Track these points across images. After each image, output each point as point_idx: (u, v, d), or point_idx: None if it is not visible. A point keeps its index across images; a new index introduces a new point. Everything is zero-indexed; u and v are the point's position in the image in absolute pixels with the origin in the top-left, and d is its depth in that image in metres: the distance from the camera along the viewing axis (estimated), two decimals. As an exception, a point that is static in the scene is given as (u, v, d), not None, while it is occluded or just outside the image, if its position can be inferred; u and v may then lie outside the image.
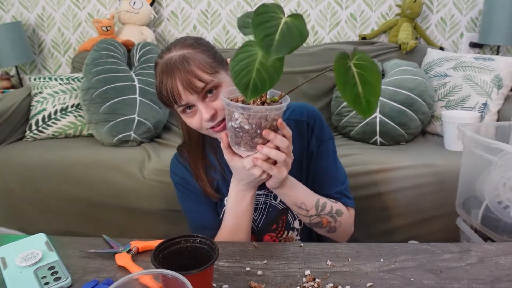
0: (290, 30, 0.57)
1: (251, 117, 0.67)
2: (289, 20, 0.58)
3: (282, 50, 0.56)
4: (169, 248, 0.60)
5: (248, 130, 0.68)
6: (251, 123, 0.68)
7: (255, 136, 0.69)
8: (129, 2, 2.28)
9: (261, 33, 0.57)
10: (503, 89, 1.85)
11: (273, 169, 0.74)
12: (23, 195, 1.69)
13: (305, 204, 0.83)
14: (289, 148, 0.73)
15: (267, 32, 0.57)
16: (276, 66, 0.61)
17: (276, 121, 0.70)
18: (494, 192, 1.16)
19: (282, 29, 0.57)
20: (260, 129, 0.68)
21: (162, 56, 0.84)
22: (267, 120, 0.68)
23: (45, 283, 0.62)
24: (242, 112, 0.66)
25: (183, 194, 0.96)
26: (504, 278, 0.62)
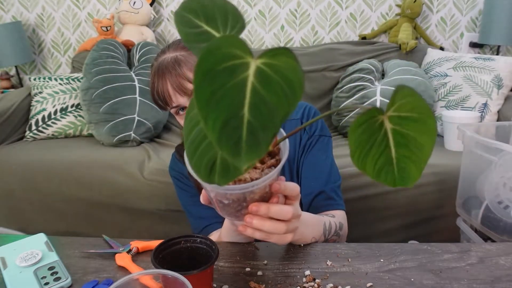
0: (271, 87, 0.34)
1: (228, 193, 0.49)
2: (263, 65, 0.34)
3: (260, 145, 0.33)
4: (169, 248, 0.59)
5: (229, 205, 0.52)
6: (230, 198, 0.50)
7: (240, 209, 0.53)
8: (129, 2, 2.28)
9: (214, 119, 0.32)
10: (503, 89, 1.85)
11: (272, 238, 0.58)
12: (23, 195, 1.69)
13: (316, 237, 0.76)
14: (294, 214, 0.57)
15: (227, 113, 0.33)
16: None
17: (270, 187, 0.52)
18: (494, 192, 1.16)
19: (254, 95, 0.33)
20: (245, 203, 0.52)
21: (157, 58, 0.85)
22: (253, 192, 0.50)
23: (45, 283, 0.62)
24: (213, 190, 0.49)
25: (180, 189, 0.97)
26: (504, 278, 0.62)
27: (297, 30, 2.41)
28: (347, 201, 1.66)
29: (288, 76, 0.34)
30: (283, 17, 2.40)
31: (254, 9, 2.40)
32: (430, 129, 0.39)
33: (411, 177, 0.42)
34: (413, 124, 0.39)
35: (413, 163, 0.41)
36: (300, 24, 2.40)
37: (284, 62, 0.34)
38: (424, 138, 0.40)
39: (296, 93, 0.34)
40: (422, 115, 0.39)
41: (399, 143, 0.40)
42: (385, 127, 0.40)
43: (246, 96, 0.33)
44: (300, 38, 2.42)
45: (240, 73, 0.33)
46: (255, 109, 0.33)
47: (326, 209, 0.89)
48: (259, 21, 2.42)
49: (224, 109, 0.33)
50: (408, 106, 0.39)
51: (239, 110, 0.33)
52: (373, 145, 0.40)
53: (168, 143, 1.90)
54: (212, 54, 0.33)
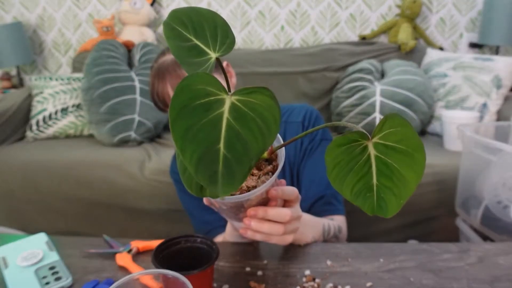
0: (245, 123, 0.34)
1: (225, 202, 0.50)
2: (237, 102, 0.35)
3: (235, 178, 0.34)
4: (170, 248, 0.60)
5: (229, 209, 0.53)
6: (227, 205, 0.52)
7: (238, 213, 0.54)
8: (129, 3, 2.28)
9: (192, 153, 0.33)
10: (502, 89, 1.86)
11: (272, 239, 0.59)
12: (24, 195, 1.70)
13: (315, 237, 0.77)
14: (293, 216, 0.58)
15: (203, 147, 0.33)
16: None
17: (266, 193, 0.52)
18: (493, 192, 1.16)
19: (228, 133, 0.34)
20: (243, 208, 0.53)
21: (157, 60, 0.85)
22: (250, 199, 0.51)
23: (45, 283, 0.62)
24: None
25: (182, 192, 0.97)
26: (503, 278, 0.63)
27: (297, 31, 2.42)
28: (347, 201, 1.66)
29: (263, 113, 0.35)
30: (283, 18, 2.40)
31: (254, 9, 2.40)
32: (418, 164, 0.38)
33: (389, 209, 0.40)
34: (399, 156, 0.38)
35: (394, 196, 0.39)
36: (300, 25, 2.41)
37: (260, 100, 0.35)
38: (409, 173, 0.38)
39: (271, 130, 0.35)
40: (410, 149, 0.38)
41: (382, 172, 0.39)
42: (369, 153, 0.39)
43: (222, 131, 0.34)
44: (300, 38, 2.42)
45: (215, 109, 0.34)
46: (230, 144, 0.34)
47: (325, 214, 0.89)
48: (259, 21, 2.42)
49: (200, 143, 0.33)
50: (397, 136, 0.38)
51: (215, 144, 0.34)
52: (353, 168, 0.39)
53: (168, 143, 1.90)
54: (186, 90, 0.34)
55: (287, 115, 0.94)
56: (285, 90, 2.12)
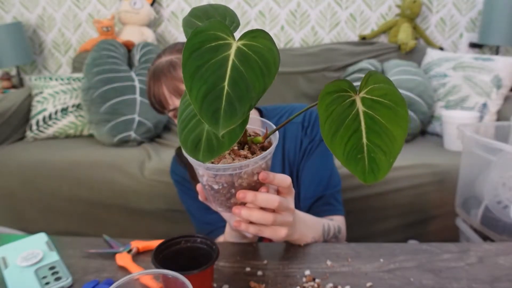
0: (249, 64, 0.37)
1: (218, 176, 0.50)
2: (243, 46, 0.38)
3: (236, 115, 0.36)
4: (170, 248, 0.60)
5: (219, 191, 0.52)
6: (220, 182, 0.51)
7: (230, 197, 0.53)
8: (129, 3, 2.28)
9: (197, 89, 0.36)
10: (502, 89, 1.86)
11: (265, 231, 0.59)
12: (24, 195, 1.70)
13: (315, 238, 0.76)
14: (282, 204, 0.56)
15: (209, 84, 0.36)
16: None
17: (257, 175, 0.52)
18: (493, 192, 1.16)
19: (233, 71, 0.37)
20: (234, 189, 0.52)
21: (153, 62, 0.86)
22: (241, 177, 0.50)
23: (45, 283, 0.62)
24: (205, 168, 0.49)
25: (183, 193, 0.97)
26: (503, 278, 0.63)
27: (297, 31, 2.42)
28: (347, 201, 1.66)
29: (265, 55, 0.38)
30: (283, 18, 2.40)
31: (254, 9, 2.40)
32: (402, 119, 0.39)
33: (380, 170, 0.40)
34: (385, 111, 0.39)
35: (384, 154, 0.40)
36: (300, 25, 2.41)
37: (262, 43, 0.38)
38: (396, 129, 0.39)
39: (271, 70, 0.37)
40: (394, 103, 0.39)
41: (371, 129, 0.40)
42: (357, 108, 0.40)
43: (227, 71, 0.37)
44: (300, 38, 2.42)
45: (222, 52, 0.37)
46: (234, 83, 0.36)
47: (325, 214, 0.89)
48: (259, 21, 2.42)
49: (206, 81, 0.36)
50: (381, 91, 0.39)
51: (220, 83, 0.36)
52: (345, 122, 0.39)
53: (168, 143, 1.90)
54: (199, 35, 0.38)
55: (287, 115, 0.94)
56: (285, 90, 2.12)
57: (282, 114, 0.95)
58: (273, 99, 2.09)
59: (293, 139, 0.92)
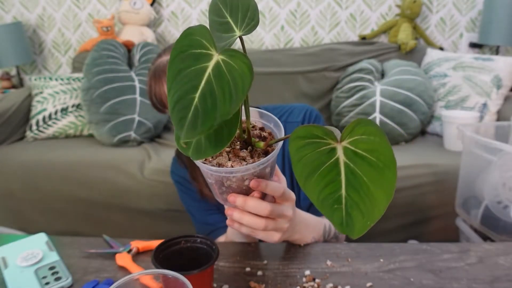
0: (222, 83, 0.36)
1: (208, 173, 0.50)
2: (221, 61, 0.37)
3: (197, 130, 0.35)
4: (170, 248, 0.60)
5: (213, 185, 0.52)
6: (212, 177, 0.50)
7: (222, 193, 0.53)
8: (129, 3, 2.28)
9: (174, 93, 0.37)
10: (502, 89, 1.86)
11: (258, 234, 0.57)
12: (24, 195, 1.70)
13: (315, 238, 0.76)
14: (274, 212, 0.55)
15: (183, 91, 0.37)
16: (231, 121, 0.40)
17: (249, 180, 0.50)
18: (493, 192, 1.16)
19: (205, 86, 0.36)
20: (224, 187, 0.51)
21: (154, 62, 0.86)
22: (230, 180, 0.50)
23: (45, 283, 0.62)
24: (196, 163, 0.50)
25: (183, 193, 0.97)
26: (503, 278, 0.63)
27: (297, 30, 2.41)
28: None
29: (236, 79, 0.36)
30: (283, 17, 2.40)
31: (254, 9, 2.40)
32: (388, 182, 0.34)
33: (356, 229, 0.36)
34: (368, 168, 0.34)
35: (361, 214, 0.36)
36: (300, 25, 2.41)
37: (238, 66, 0.37)
38: (378, 191, 0.34)
39: (238, 96, 0.35)
40: (381, 163, 0.34)
41: (350, 183, 0.36)
42: (338, 157, 0.36)
43: (201, 83, 0.37)
44: (300, 38, 2.42)
45: (203, 62, 0.37)
46: (203, 97, 0.36)
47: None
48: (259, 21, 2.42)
49: (182, 87, 0.37)
50: (368, 145, 0.34)
51: (192, 93, 0.36)
52: (319, 169, 0.36)
53: (168, 143, 1.90)
54: (188, 37, 0.38)
55: (287, 115, 0.94)
56: (285, 90, 2.12)
57: (282, 114, 0.95)
58: (273, 99, 2.09)
59: None
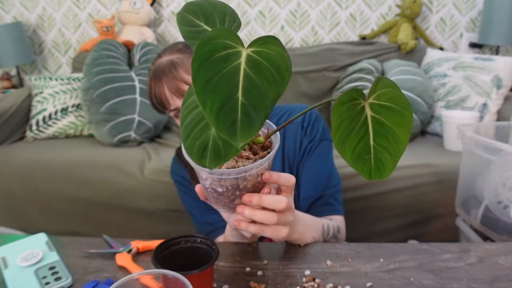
0: (261, 72, 0.37)
1: (223, 179, 0.50)
2: (253, 53, 0.37)
3: (254, 125, 0.35)
4: (170, 248, 0.60)
5: (224, 193, 0.52)
6: (224, 185, 0.51)
7: (234, 199, 0.53)
8: (129, 3, 2.28)
9: (212, 103, 0.35)
10: (502, 89, 1.86)
11: (267, 231, 0.58)
12: (24, 195, 1.70)
13: (315, 238, 0.76)
14: (289, 205, 0.57)
15: (222, 96, 0.35)
16: None
17: (261, 176, 0.52)
18: (493, 192, 1.16)
19: (246, 80, 0.36)
20: (239, 191, 0.52)
21: (154, 62, 0.86)
22: (246, 179, 0.51)
23: (45, 283, 0.62)
24: (209, 173, 0.49)
25: (183, 193, 0.97)
26: (503, 278, 0.63)
27: (297, 31, 2.41)
28: (347, 201, 1.65)
29: (276, 61, 0.37)
30: (283, 18, 2.40)
31: (254, 9, 2.40)
32: (407, 122, 0.41)
33: (386, 169, 0.42)
34: (391, 114, 0.41)
35: (390, 154, 0.42)
36: (300, 25, 2.41)
37: (273, 50, 0.37)
38: (401, 131, 0.41)
39: (283, 77, 0.37)
40: (400, 107, 0.41)
41: (378, 131, 0.42)
42: (366, 113, 0.42)
43: (239, 81, 0.36)
44: (300, 38, 2.42)
45: (233, 61, 0.36)
46: (248, 92, 0.36)
47: (324, 214, 0.88)
48: (259, 21, 2.42)
49: (220, 93, 0.35)
50: (388, 95, 0.41)
51: (234, 94, 0.36)
52: (354, 128, 0.41)
53: (168, 143, 1.90)
54: (207, 44, 0.36)
55: (287, 115, 0.94)
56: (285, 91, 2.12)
57: (282, 114, 0.95)
58: (273, 99, 2.08)
59: (293, 139, 0.92)
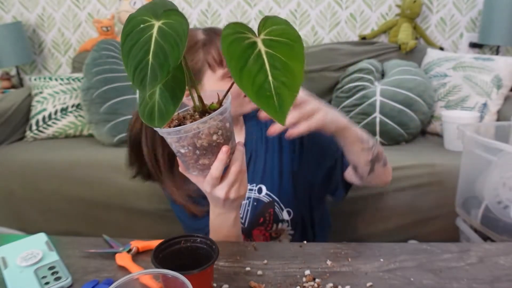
0: (167, 39, 0.45)
1: (181, 139, 0.56)
2: (163, 24, 0.46)
3: (157, 79, 0.44)
4: (169, 248, 0.60)
5: (186, 154, 0.58)
6: (184, 145, 0.56)
7: (197, 159, 0.59)
8: (129, 2, 2.28)
9: (131, 65, 0.45)
10: (502, 89, 1.85)
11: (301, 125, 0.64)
12: (24, 195, 1.69)
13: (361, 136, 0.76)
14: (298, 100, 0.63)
15: (138, 59, 0.45)
16: (178, 78, 0.50)
17: (216, 135, 0.57)
18: (493, 192, 1.16)
19: (155, 45, 0.44)
20: (198, 150, 0.57)
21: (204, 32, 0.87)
22: (200, 138, 0.56)
23: (45, 283, 0.62)
24: (168, 136, 0.56)
25: (172, 201, 0.98)
26: (503, 278, 0.63)
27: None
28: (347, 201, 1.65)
29: (177, 29, 0.45)
30: (283, 17, 2.40)
31: (254, 9, 2.40)
32: (299, 55, 0.45)
33: (285, 104, 0.45)
34: (284, 48, 0.45)
35: (288, 89, 0.45)
36: (300, 24, 2.40)
37: (175, 20, 0.45)
38: (295, 64, 0.45)
39: (182, 40, 0.44)
40: (291, 41, 0.45)
41: (274, 66, 0.45)
42: (259, 49, 0.45)
43: (151, 47, 0.45)
44: (300, 38, 2.42)
45: (147, 32, 0.45)
46: (156, 55, 0.44)
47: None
48: (259, 21, 2.42)
49: (136, 57, 0.45)
50: (278, 31, 0.46)
51: (146, 57, 0.44)
52: (248, 60, 0.45)
53: (168, 143, 1.90)
54: (131, 21, 0.46)
55: None
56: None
57: None
58: (273, 99, 2.08)
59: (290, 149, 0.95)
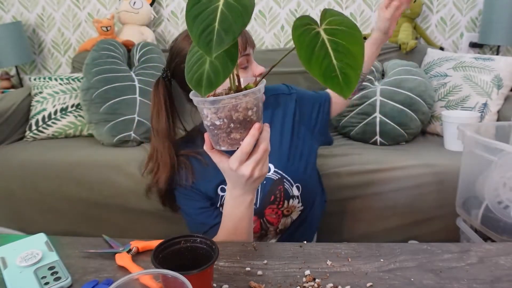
0: (233, 10, 0.49)
1: (219, 110, 0.59)
2: None
3: (223, 42, 0.48)
4: (169, 248, 0.60)
5: (221, 126, 0.61)
6: (221, 117, 0.60)
7: (230, 132, 0.61)
8: (129, 2, 2.28)
9: (197, 29, 0.49)
10: (503, 89, 1.85)
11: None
12: (23, 195, 1.69)
13: None
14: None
15: (204, 25, 0.49)
16: (231, 52, 0.53)
17: (251, 110, 0.61)
18: (494, 192, 1.16)
19: (221, 14, 0.49)
20: (233, 123, 0.60)
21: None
22: (237, 111, 0.59)
23: (45, 283, 0.62)
24: (208, 106, 0.59)
25: (180, 193, 0.97)
26: (504, 278, 0.63)
27: (297, 30, 2.41)
28: (347, 201, 1.66)
29: (245, 3, 0.50)
30: (283, 17, 2.40)
31: (254, 9, 2.40)
32: (358, 39, 0.50)
33: (352, 82, 0.49)
34: (344, 35, 0.50)
35: (352, 69, 0.49)
36: (300, 24, 2.40)
37: None
38: (355, 48, 0.50)
39: (247, 10, 0.49)
40: (350, 29, 0.50)
41: (337, 51, 0.50)
42: (322, 37, 0.50)
43: (217, 15, 0.50)
44: (300, 38, 2.42)
45: (214, 3, 0.50)
46: (222, 21, 0.49)
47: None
48: (259, 21, 2.42)
49: (202, 23, 0.50)
50: (337, 21, 0.51)
51: (212, 24, 0.49)
52: (315, 48, 0.49)
53: (168, 143, 1.90)
54: None
55: (274, 91, 1.07)
56: (285, 90, 2.12)
57: (269, 90, 1.05)
58: (273, 99, 2.08)
59: (281, 108, 1.05)
